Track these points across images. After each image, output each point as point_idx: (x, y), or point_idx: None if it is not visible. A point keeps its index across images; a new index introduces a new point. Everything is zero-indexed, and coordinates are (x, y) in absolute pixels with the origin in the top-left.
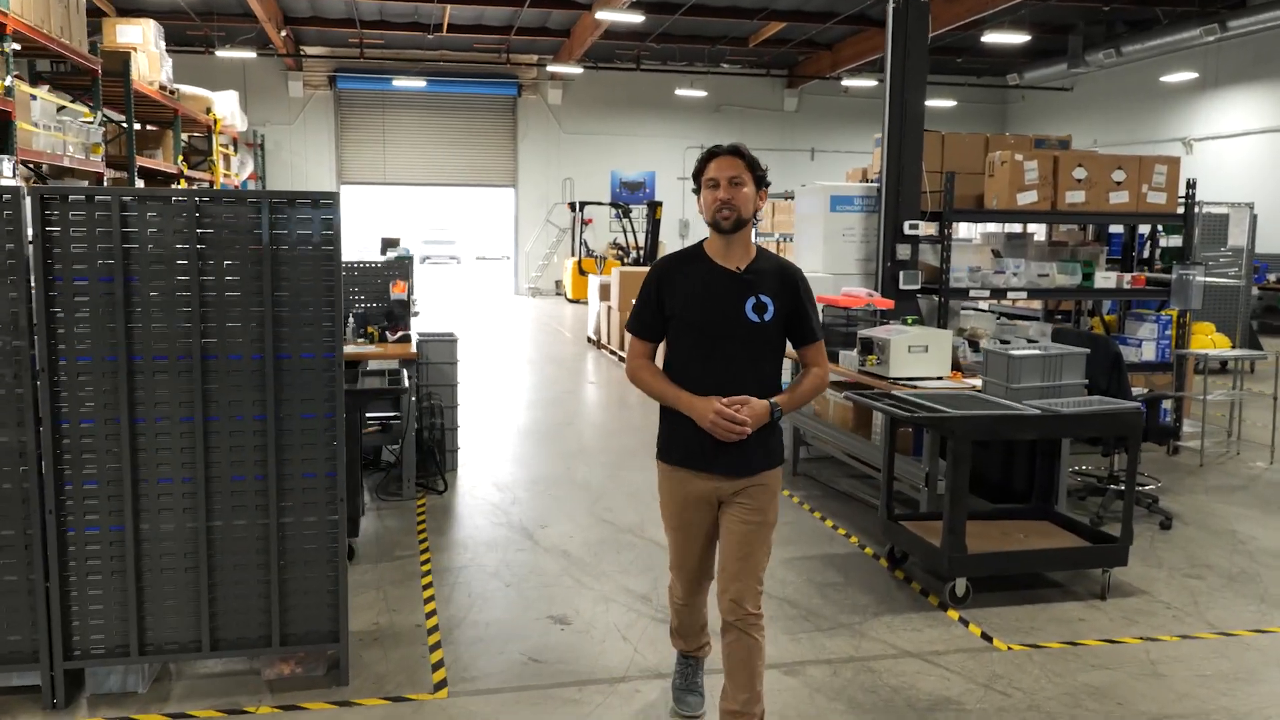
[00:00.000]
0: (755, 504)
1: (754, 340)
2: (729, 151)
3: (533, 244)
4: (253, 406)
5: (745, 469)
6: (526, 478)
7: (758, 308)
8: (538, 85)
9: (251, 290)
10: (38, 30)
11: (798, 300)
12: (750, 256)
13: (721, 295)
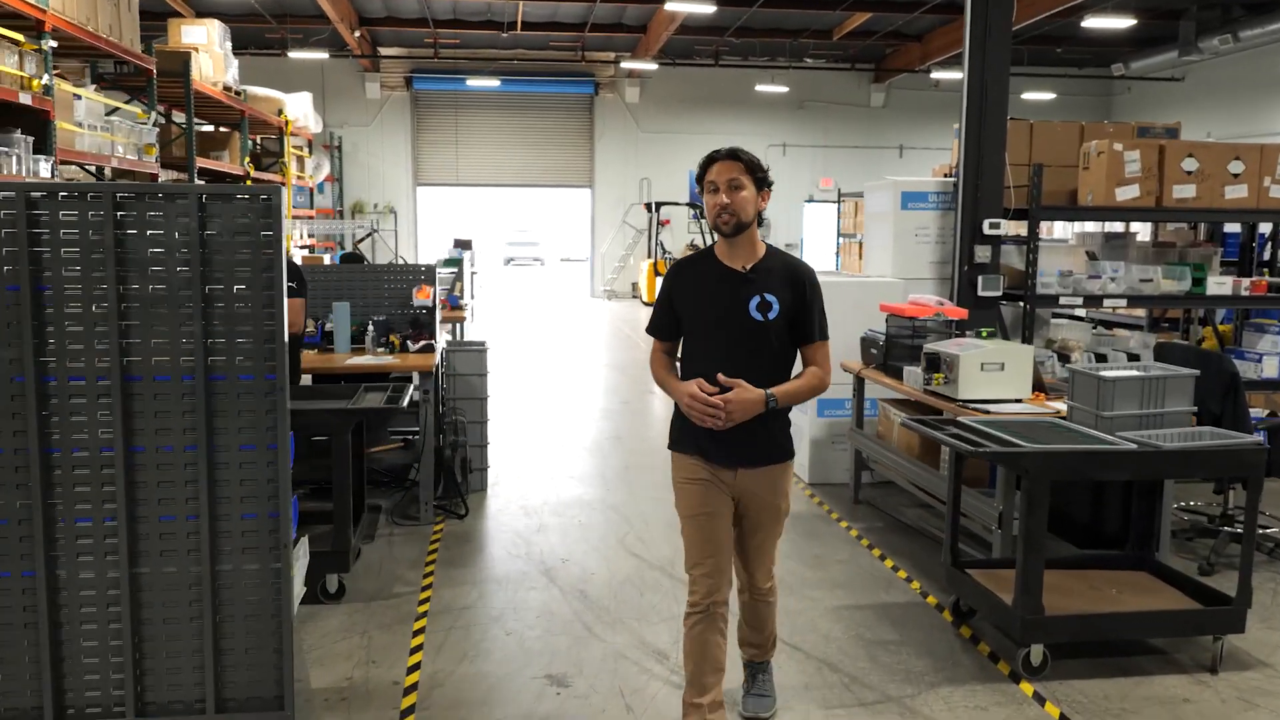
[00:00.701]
0: (768, 497)
1: (758, 338)
2: (728, 155)
3: (608, 245)
4: (184, 436)
5: (754, 460)
6: (559, 501)
7: (762, 306)
8: (615, 83)
9: (181, 300)
10: (82, 28)
11: (804, 299)
12: (757, 256)
13: (727, 295)
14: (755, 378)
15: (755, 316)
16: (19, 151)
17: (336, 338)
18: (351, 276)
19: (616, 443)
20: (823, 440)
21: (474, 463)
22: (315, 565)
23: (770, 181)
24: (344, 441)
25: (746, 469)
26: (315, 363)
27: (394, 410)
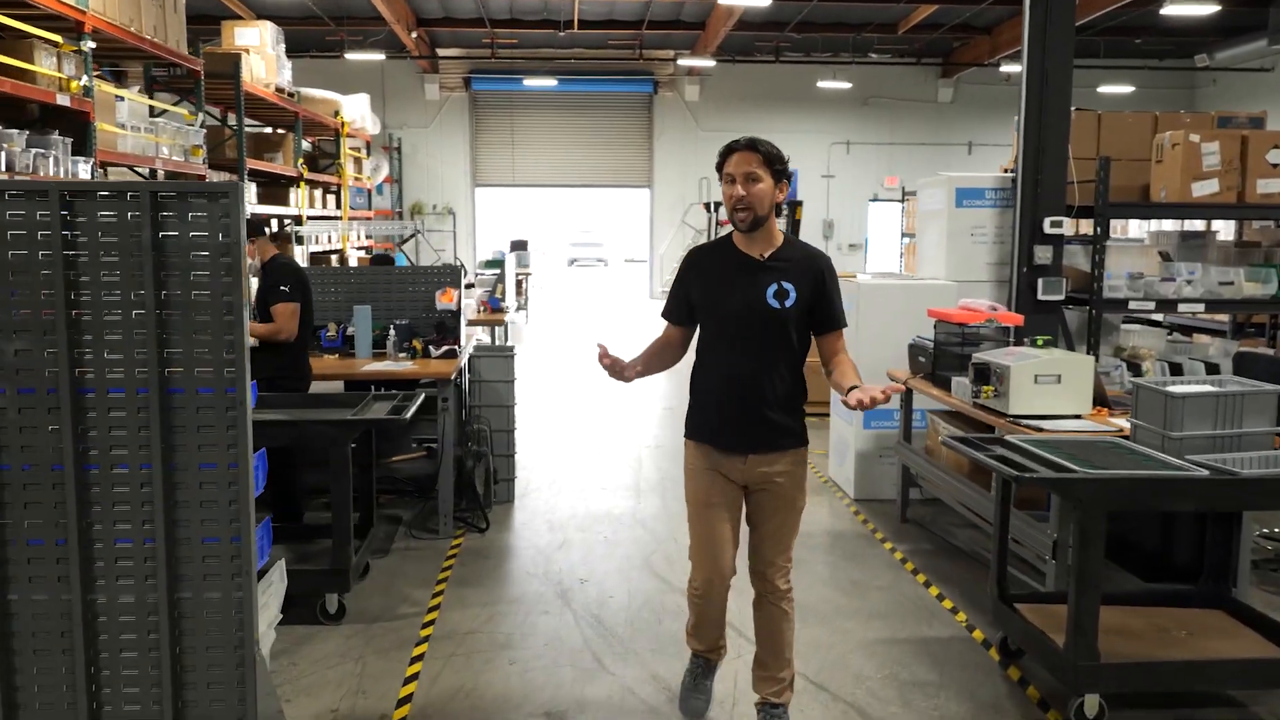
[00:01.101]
0: (780, 485)
1: (774, 326)
2: (746, 146)
3: (667, 246)
4: (140, 453)
5: (764, 446)
6: (587, 514)
7: (779, 294)
8: (674, 81)
9: (134, 307)
10: (125, 30)
11: (822, 287)
12: (775, 245)
13: (744, 283)
14: (768, 365)
15: (772, 304)
16: (56, 153)
17: (358, 342)
18: (375, 279)
19: (655, 452)
20: (869, 454)
21: (500, 473)
22: (314, 584)
23: (789, 174)
24: (343, 454)
25: (757, 455)
26: (332, 368)
27: (395, 422)
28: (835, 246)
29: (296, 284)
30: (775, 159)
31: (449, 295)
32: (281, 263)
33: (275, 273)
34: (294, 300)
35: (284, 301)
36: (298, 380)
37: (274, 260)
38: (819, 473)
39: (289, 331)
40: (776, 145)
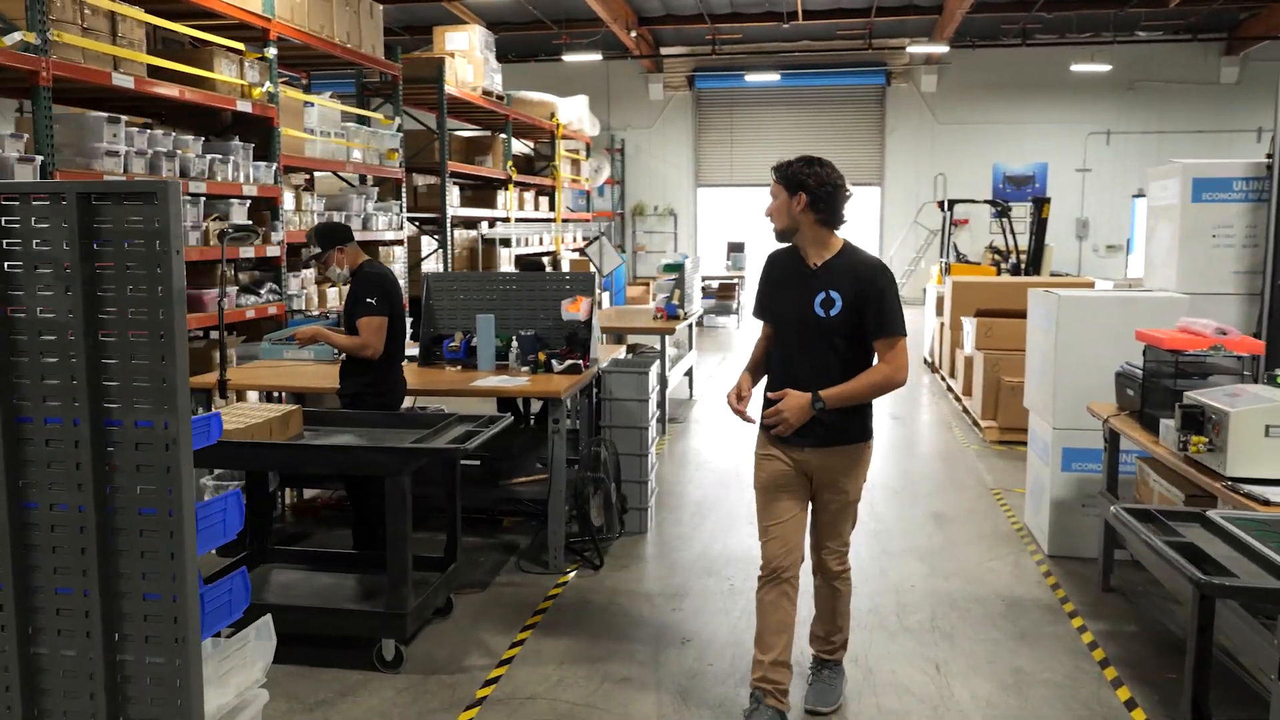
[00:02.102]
0: (835, 479)
1: (820, 333)
2: (772, 170)
3: (897, 247)
4: (78, 493)
5: (818, 441)
6: (720, 554)
7: (825, 303)
8: (909, 72)
9: (61, 325)
10: (315, 36)
11: (866, 296)
12: (830, 254)
13: (797, 290)
14: (821, 372)
15: (818, 313)
16: (236, 158)
17: (480, 354)
18: (503, 286)
19: None
20: (1069, 502)
21: (631, 501)
22: (367, 627)
23: (807, 184)
24: (400, 485)
25: (813, 449)
26: (441, 382)
27: (456, 452)
28: (1090, 248)
29: (384, 295)
30: (788, 177)
31: (577, 305)
32: (369, 272)
33: (362, 283)
34: (380, 313)
35: (370, 315)
36: (384, 397)
37: (362, 268)
38: (1013, 518)
39: (374, 348)
40: (802, 162)
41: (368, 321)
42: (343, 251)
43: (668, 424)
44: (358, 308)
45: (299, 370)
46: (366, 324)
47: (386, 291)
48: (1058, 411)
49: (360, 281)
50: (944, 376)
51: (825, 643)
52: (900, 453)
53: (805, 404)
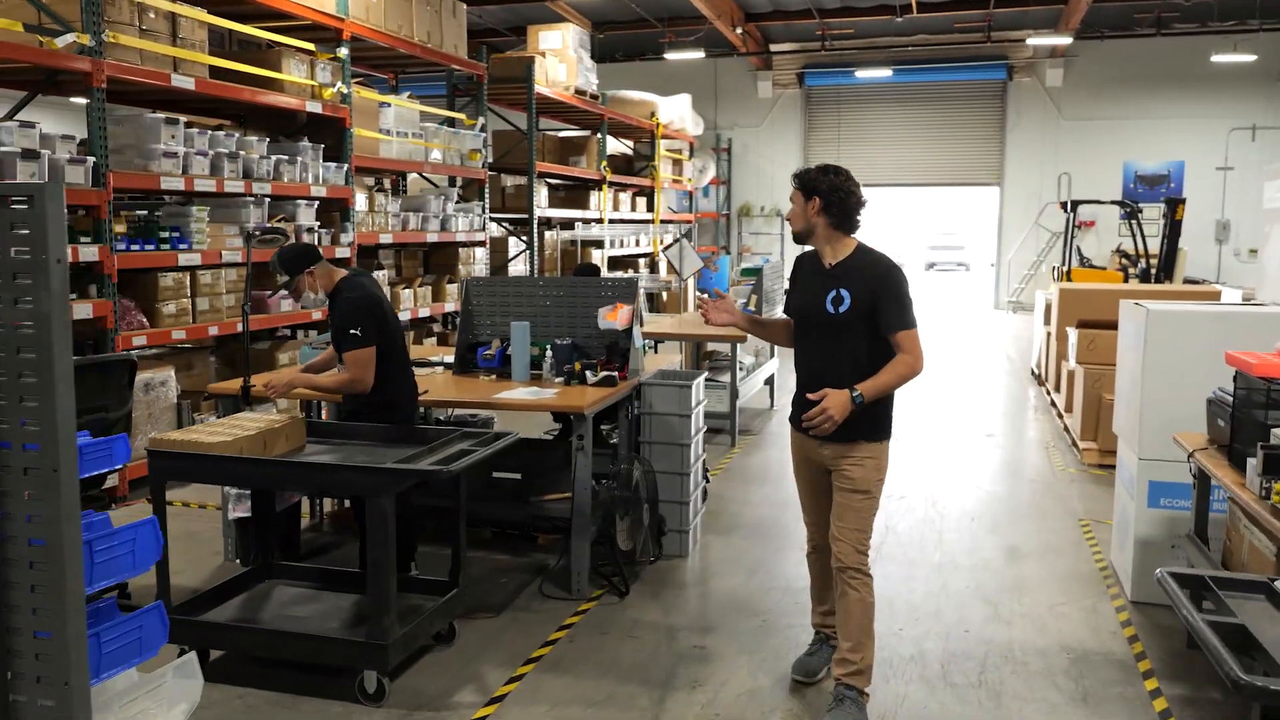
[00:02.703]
0: (850, 473)
1: (832, 329)
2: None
3: (1016, 250)
4: None
5: (836, 437)
6: (762, 584)
7: (835, 300)
8: (1033, 66)
9: None
10: (392, 36)
11: (876, 294)
12: (844, 254)
13: (812, 288)
14: (836, 365)
15: (829, 309)
16: (305, 159)
17: (514, 363)
18: (545, 292)
19: (900, 505)
20: (1156, 542)
21: (670, 523)
22: (347, 656)
23: (820, 190)
24: (382, 508)
25: (830, 443)
26: (465, 392)
27: (438, 473)
28: (1231, 252)
29: (369, 321)
30: (805, 182)
31: (615, 313)
32: (348, 296)
33: (342, 312)
34: (367, 344)
35: (357, 348)
36: (386, 412)
37: (340, 290)
38: (1098, 555)
39: (364, 382)
40: (818, 170)
41: (355, 356)
42: (312, 275)
43: (738, 436)
44: (344, 341)
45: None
46: (354, 359)
47: (370, 314)
48: (1144, 440)
49: (340, 310)
50: (1049, 391)
51: (844, 663)
52: (986, 474)
53: (846, 400)
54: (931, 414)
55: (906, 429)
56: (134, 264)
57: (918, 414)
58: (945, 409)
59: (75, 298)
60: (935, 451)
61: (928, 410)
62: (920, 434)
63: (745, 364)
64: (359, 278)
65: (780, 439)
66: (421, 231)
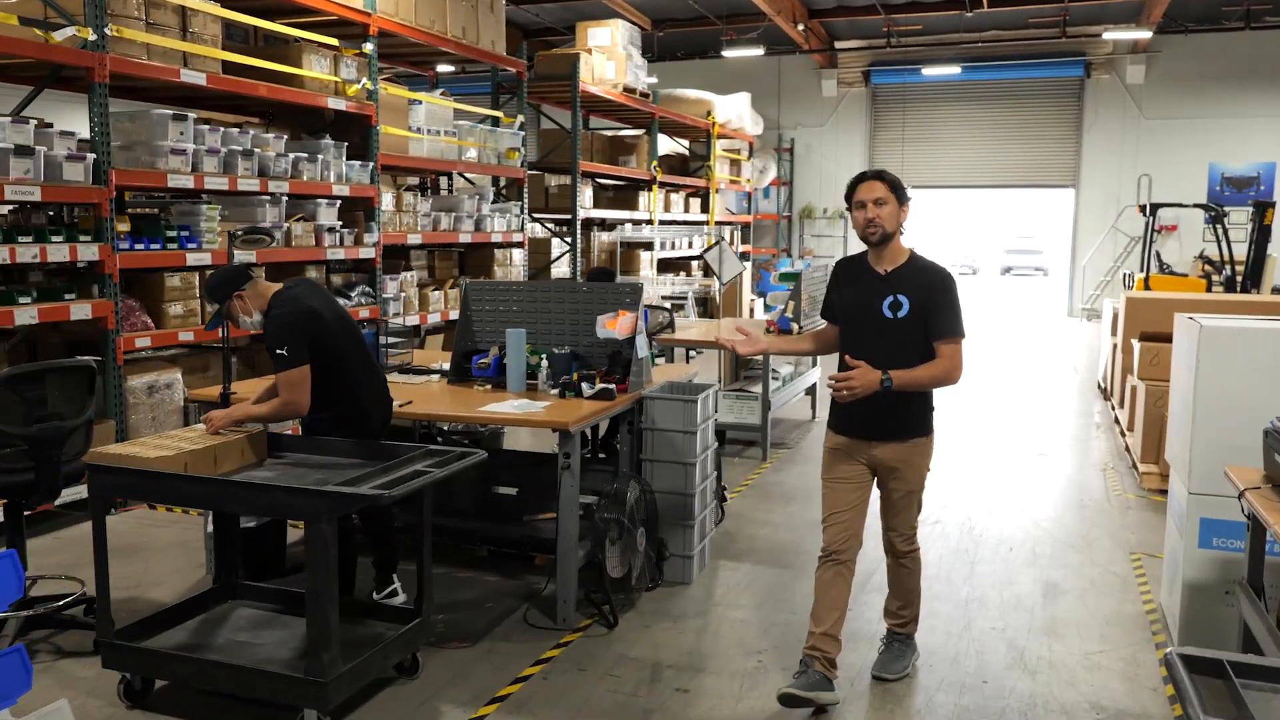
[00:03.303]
0: (895, 470)
1: (889, 333)
2: (874, 176)
3: (1091, 255)
4: None
5: (884, 435)
6: (765, 621)
7: (893, 305)
8: (1112, 62)
9: None
10: (423, 31)
11: (931, 300)
12: (899, 261)
13: (867, 294)
14: (887, 365)
15: (886, 314)
16: (326, 157)
17: (509, 373)
18: (548, 298)
19: (933, 531)
20: (1207, 586)
21: (673, 547)
22: (290, 694)
23: (907, 199)
24: (321, 533)
25: (879, 443)
26: (445, 405)
27: (380, 498)
28: None
29: (295, 338)
30: (897, 185)
31: (614, 322)
32: (276, 313)
33: (269, 333)
34: (295, 363)
35: (285, 369)
36: (349, 427)
37: (271, 307)
38: (1147, 594)
39: (297, 404)
40: (897, 179)
41: (284, 378)
42: (242, 298)
43: (769, 449)
44: (274, 361)
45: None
46: (283, 381)
47: (297, 330)
48: (1194, 471)
49: (267, 330)
50: (1114, 407)
51: (896, 616)
52: (1032, 498)
53: (875, 379)
54: (981, 429)
55: (951, 445)
56: (137, 263)
57: (966, 429)
58: (997, 424)
59: (74, 298)
60: (979, 471)
61: (977, 425)
62: (966, 451)
63: (781, 373)
64: (293, 291)
65: (818, 452)
66: (454, 232)
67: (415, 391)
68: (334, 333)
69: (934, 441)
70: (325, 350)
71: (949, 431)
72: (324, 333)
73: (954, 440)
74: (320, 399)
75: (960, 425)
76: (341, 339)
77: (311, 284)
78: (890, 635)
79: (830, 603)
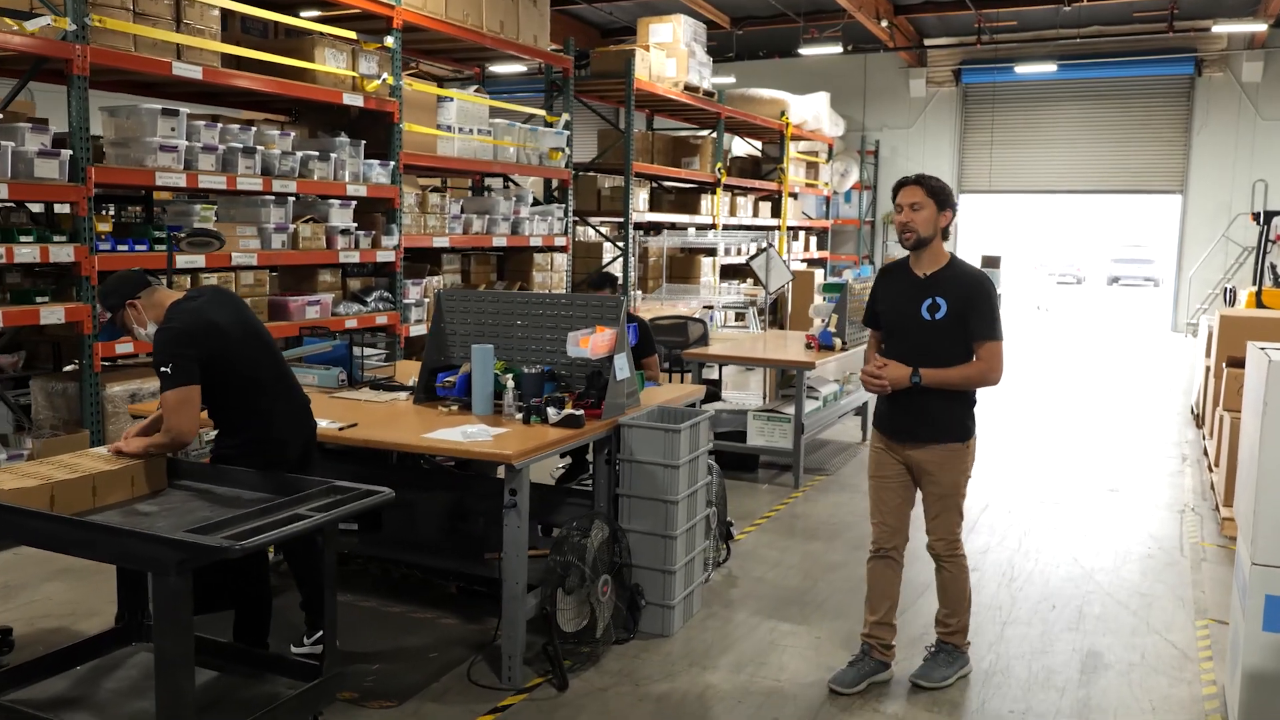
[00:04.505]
0: (932, 473)
1: (927, 334)
2: (914, 181)
3: (1198, 267)
4: None
5: (919, 438)
6: (745, 686)
7: (931, 308)
8: (1226, 59)
9: None
10: (455, 25)
11: (969, 303)
12: (938, 265)
13: (907, 296)
14: (921, 365)
15: (925, 316)
16: (341, 156)
17: (474, 394)
18: (529, 309)
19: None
20: (1266, 675)
21: (652, 595)
22: None
23: (951, 204)
24: (169, 587)
25: (913, 446)
26: (389, 428)
27: (227, 550)
28: None
29: (184, 355)
30: (937, 191)
31: (588, 339)
32: (164, 327)
33: (155, 348)
34: (180, 383)
35: (168, 389)
36: (257, 457)
37: (166, 319)
38: (1211, 676)
39: (179, 430)
40: (939, 181)
41: (166, 399)
42: (136, 306)
43: (802, 476)
44: (160, 381)
45: None
46: (165, 402)
47: (183, 346)
48: (1259, 537)
49: (154, 346)
50: (1205, 436)
51: (943, 625)
52: (1090, 543)
53: (905, 375)
54: (1049, 457)
55: (1007, 472)
56: (118, 265)
57: (1030, 454)
58: (1069, 451)
59: (46, 300)
60: (1035, 507)
61: (1045, 452)
62: (1024, 482)
63: (821, 393)
64: (193, 303)
65: (858, 480)
66: (487, 235)
67: (372, 412)
68: (241, 350)
69: (973, 450)
70: (230, 370)
71: (1008, 455)
72: (226, 350)
73: (1012, 467)
74: (228, 424)
75: (1025, 450)
76: (252, 356)
77: (222, 294)
78: (938, 644)
79: (881, 593)
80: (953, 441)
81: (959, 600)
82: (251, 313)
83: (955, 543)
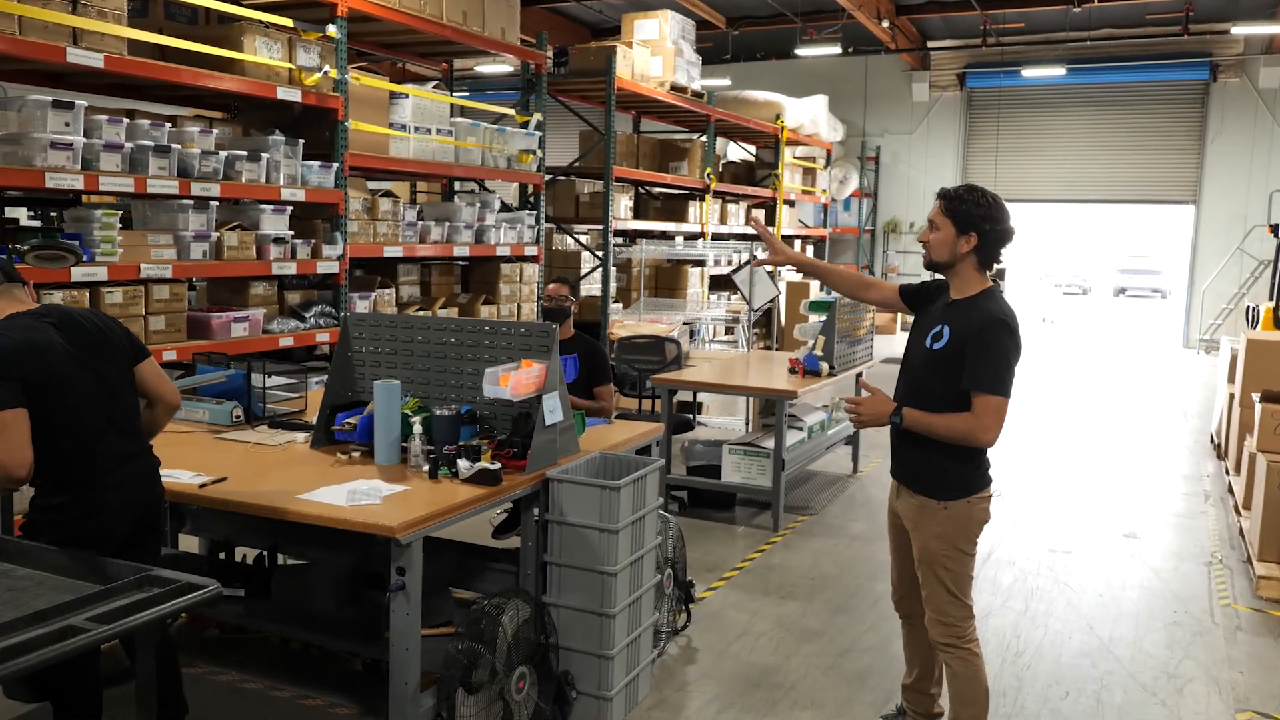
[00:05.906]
0: (916, 539)
1: (925, 364)
2: (939, 195)
3: (1211, 281)
4: None
5: (903, 479)
6: None
7: (935, 336)
8: (1243, 63)
9: None
10: (411, 15)
11: (975, 340)
12: (965, 293)
13: (926, 318)
14: (913, 396)
15: (928, 344)
16: (275, 155)
17: (377, 440)
18: (445, 337)
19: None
20: None
21: (585, 684)
22: None
23: (981, 228)
24: None
25: (900, 492)
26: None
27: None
28: None
29: (1, 379)
30: (958, 212)
31: (508, 377)
32: None
33: None
34: (3, 405)
35: None
36: (74, 526)
37: None
38: None
39: (12, 466)
40: (972, 195)
41: None
42: None
43: (782, 515)
44: None
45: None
46: None
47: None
48: None
49: None
50: (1229, 470)
51: (917, 698)
52: (1104, 606)
53: (885, 412)
54: (1058, 494)
55: (1012, 516)
56: None
57: (1037, 492)
58: (1079, 487)
59: None
60: (1043, 560)
61: (1054, 488)
62: (1029, 527)
63: (806, 422)
64: (21, 319)
65: (853, 516)
66: (448, 244)
67: (256, 460)
68: (65, 385)
69: (960, 518)
70: (56, 412)
71: (1012, 489)
72: (47, 383)
73: (1016, 505)
74: (44, 481)
75: (1031, 483)
76: (78, 395)
77: (65, 314)
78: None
79: (908, 657)
80: (927, 496)
81: (961, 700)
82: (95, 340)
83: (953, 628)
